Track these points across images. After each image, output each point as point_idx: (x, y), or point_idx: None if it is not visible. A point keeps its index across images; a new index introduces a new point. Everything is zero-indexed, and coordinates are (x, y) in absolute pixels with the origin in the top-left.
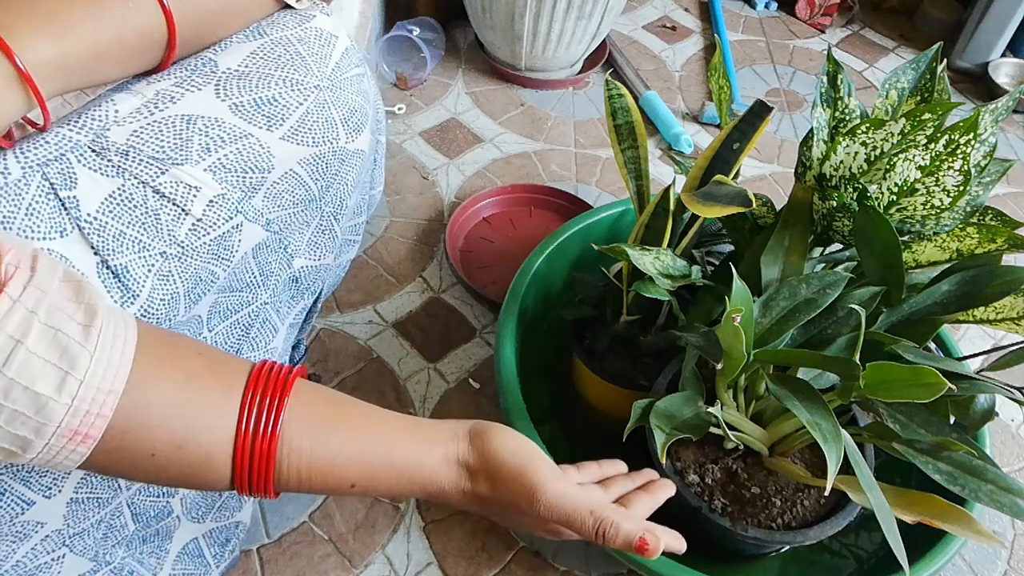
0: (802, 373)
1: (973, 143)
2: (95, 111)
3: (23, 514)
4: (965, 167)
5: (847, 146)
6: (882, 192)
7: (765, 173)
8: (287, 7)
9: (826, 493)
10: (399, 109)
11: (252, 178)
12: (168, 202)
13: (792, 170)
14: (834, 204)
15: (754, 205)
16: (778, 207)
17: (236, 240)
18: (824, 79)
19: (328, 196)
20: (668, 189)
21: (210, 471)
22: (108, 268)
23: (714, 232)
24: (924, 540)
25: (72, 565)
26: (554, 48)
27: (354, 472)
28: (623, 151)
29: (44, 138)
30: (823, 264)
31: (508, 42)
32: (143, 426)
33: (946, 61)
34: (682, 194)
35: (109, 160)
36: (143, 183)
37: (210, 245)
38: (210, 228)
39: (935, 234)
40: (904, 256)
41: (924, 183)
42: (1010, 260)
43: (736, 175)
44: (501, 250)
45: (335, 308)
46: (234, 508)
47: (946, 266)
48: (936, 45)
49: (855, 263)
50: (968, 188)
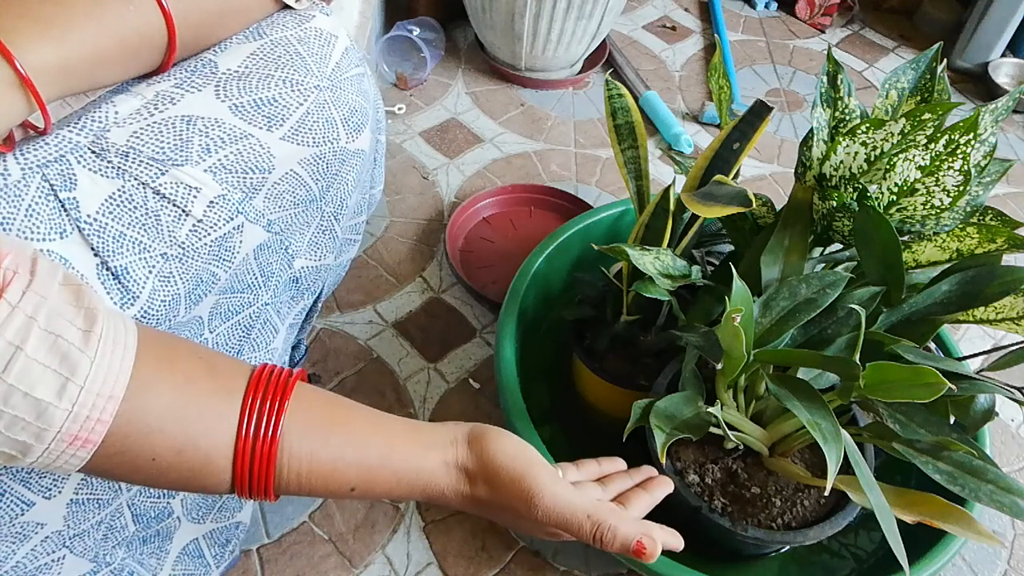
0: (802, 373)
1: (973, 143)
2: (95, 112)
3: (23, 515)
4: (965, 167)
5: (847, 146)
6: (882, 192)
7: (765, 173)
8: (287, 8)
9: (826, 493)
10: (399, 109)
11: (253, 179)
12: (168, 203)
13: (792, 170)
14: (834, 204)
15: (754, 205)
16: (778, 207)
17: (237, 241)
18: (824, 79)
19: (329, 196)
20: (668, 189)
21: (211, 475)
22: (108, 269)
23: (714, 232)
24: (924, 540)
25: (72, 566)
26: (554, 48)
27: (354, 476)
28: (623, 151)
29: (44, 140)
30: (823, 264)
31: (508, 42)
32: (143, 431)
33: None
34: (682, 194)
35: (109, 161)
36: (143, 184)
37: (211, 246)
38: (211, 229)
39: (935, 234)
40: (904, 256)
41: (924, 183)
42: (1010, 260)
43: (736, 175)
44: (501, 250)
45: (335, 308)
46: (234, 509)
47: (946, 266)
48: (936, 45)
49: (855, 263)
50: (968, 188)
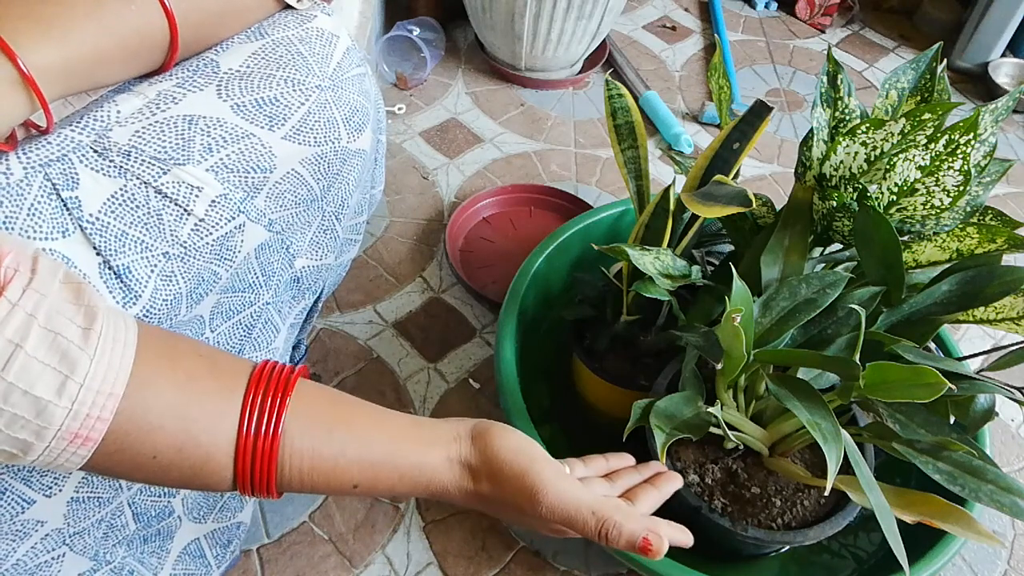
0: (802, 373)
1: (973, 143)
2: (97, 112)
3: (23, 513)
4: (965, 167)
5: (847, 146)
6: (882, 192)
7: (765, 173)
8: (288, 7)
9: (826, 493)
10: (399, 109)
11: (254, 178)
12: (170, 202)
13: (792, 170)
14: (834, 204)
15: (754, 205)
16: (778, 207)
17: (239, 240)
18: (824, 79)
19: (330, 196)
20: (668, 189)
21: (212, 472)
22: (110, 268)
23: (714, 232)
24: (924, 540)
25: (72, 564)
26: (554, 48)
27: (356, 472)
28: (623, 151)
29: (46, 139)
30: (823, 264)
31: (508, 42)
32: (144, 428)
33: (946, 61)
34: (682, 194)
35: (111, 160)
36: (145, 183)
37: (212, 245)
38: (212, 228)
39: (935, 234)
40: (904, 256)
41: (924, 183)
42: (1010, 260)
43: (736, 175)
44: (501, 250)
45: (335, 308)
46: (235, 509)
47: (946, 266)
48: (936, 45)
49: (855, 263)
50: (968, 188)
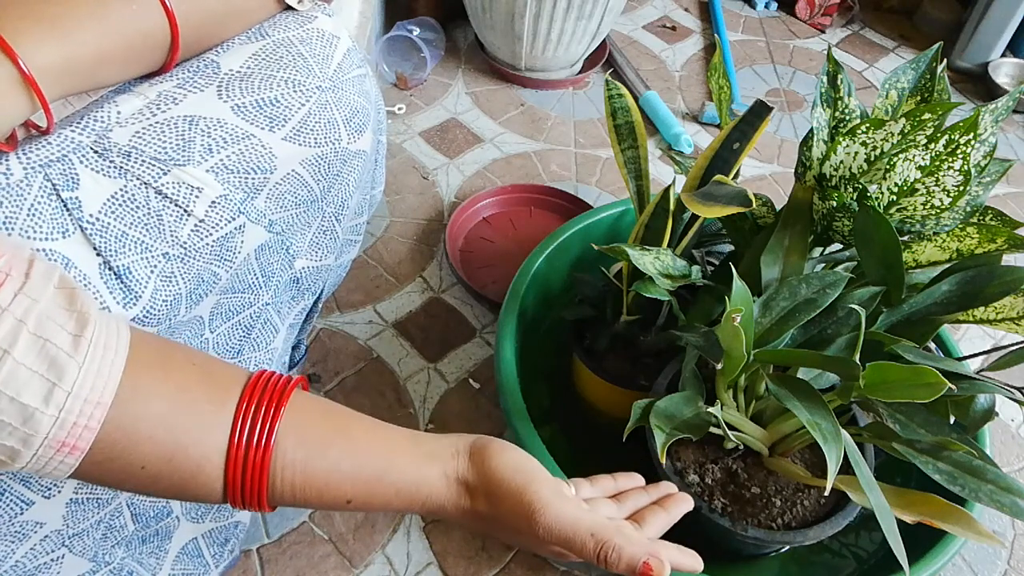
0: (802, 373)
1: (973, 143)
2: (97, 112)
3: (22, 514)
4: (965, 167)
5: (847, 146)
6: (882, 192)
7: (765, 173)
8: (289, 8)
9: (826, 493)
10: (399, 109)
11: (254, 179)
12: (170, 203)
13: (792, 170)
14: (834, 204)
15: (754, 205)
16: (778, 207)
17: (239, 241)
18: (824, 79)
19: (330, 197)
20: (668, 189)
21: (202, 484)
22: (110, 269)
23: (714, 232)
24: (924, 540)
25: (71, 565)
26: (554, 48)
27: (350, 488)
28: (623, 151)
29: (46, 139)
30: (823, 264)
31: (508, 42)
32: (132, 438)
33: (946, 61)
34: (682, 194)
35: (111, 161)
36: (145, 184)
37: (213, 246)
38: (213, 229)
39: (935, 234)
40: (904, 256)
41: (924, 183)
42: (1010, 260)
43: (736, 175)
44: (501, 250)
45: (335, 308)
46: (233, 509)
47: (946, 266)
48: (936, 45)
49: (855, 263)
50: (968, 188)
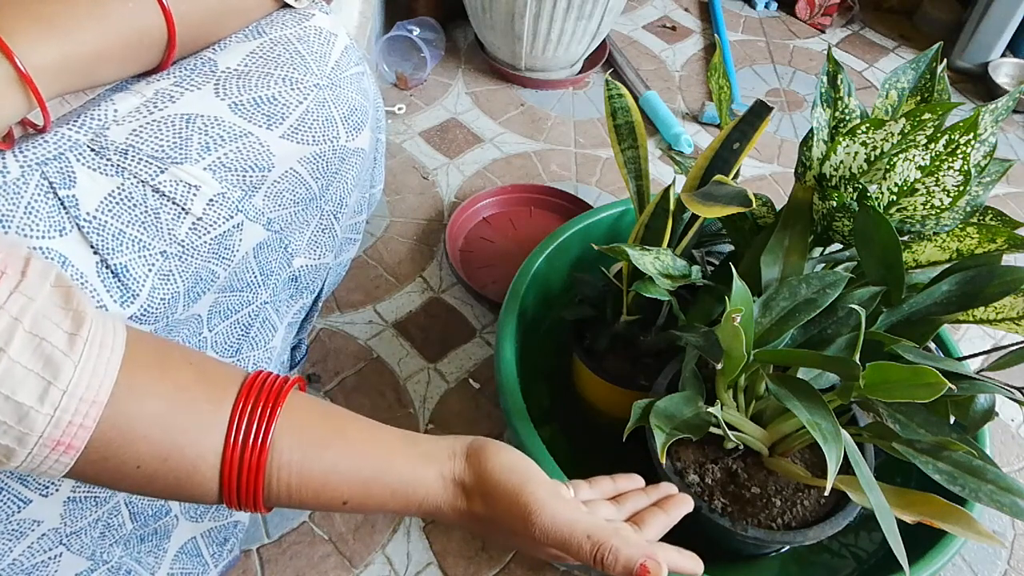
0: (802, 373)
1: (973, 143)
2: (94, 110)
3: (19, 512)
4: (965, 167)
5: (847, 146)
6: (882, 192)
7: (765, 173)
8: (286, 6)
9: (826, 493)
10: (399, 109)
11: (252, 177)
12: (168, 201)
13: (792, 170)
14: (834, 204)
15: (754, 205)
16: (778, 207)
17: (237, 239)
18: (824, 79)
19: (328, 195)
20: (668, 189)
21: (198, 484)
22: (108, 267)
23: (714, 232)
24: (924, 540)
25: (69, 564)
26: (554, 48)
27: (346, 489)
28: (623, 151)
29: (43, 137)
30: (823, 264)
31: (508, 42)
32: (128, 437)
33: (946, 61)
34: (682, 194)
35: (108, 159)
36: (142, 182)
37: (210, 244)
38: (210, 227)
39: (935, 234)
40: (904, 256)
41: (924, 183)
42: (1010, 260)
43: (736, 175)
44: (501, 250)
45: (335, 308)
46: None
47: (946, 266)
48: (936, 45)
49: (855, 263)
50: (968, 188)
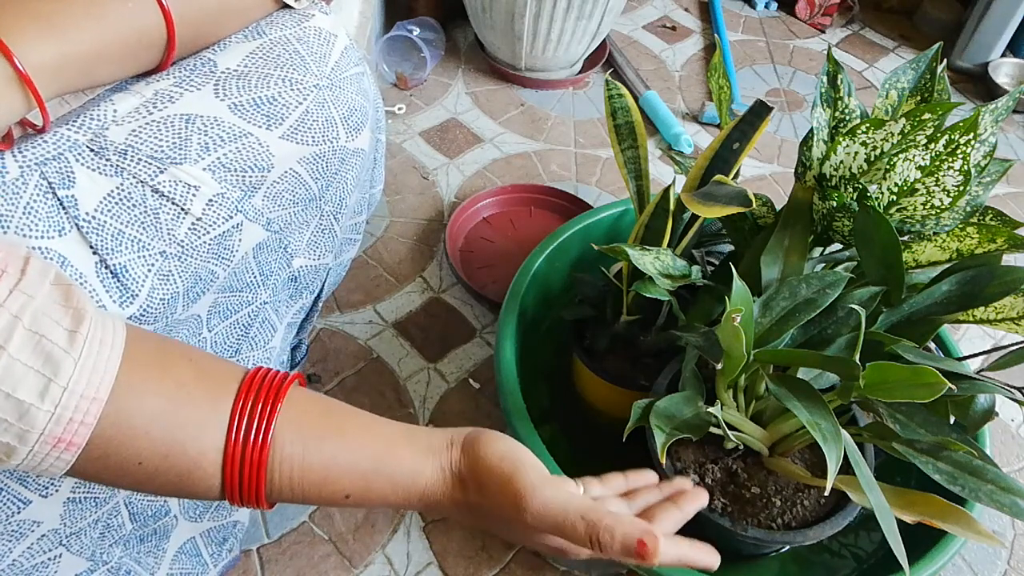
0: (802, 373)
1: (973, 143)
2: (94, 111)
3: (19, 513)
4: (965, 167)
5: (847, 146)
6: (882, 192)
7: (765, 173)
8: (286, 7)
9: (826, 493)
10: (399, 109)
11: (252, 177)
12: (167, 201)
13: (792, 170)
14: (834, 204)
15: (754, 205)
16: (778, 207)
17: (236, 239)
18: (824, 79)
19: (328, 195)
20: (668, 189)
21: (199, 480)
22: (107, 267)
23: (714, 232)
24: (924, 540)
25: (69, 564)
26: (554, 48)
27: (348, 483)
28: (623, 151)
29: (42, 137)
30: (823, 264)
31: (508, 42)
32: (129, 434)
33: (946, 61)
34: (682, 194)
35: (107, 159)
36: (142, 182)
37: (210, 244)
38: (210, 227)
39: (935, 234)
40: (904, 256)
41: (924, 183)
42: (1010, 260)
43: (736, 175)
44: (501, 250)
45: (335, 308)
46: (232, 508)
47: (946, 266)
48: (936, 45)
49: (855, 263)
50: (968, 188)
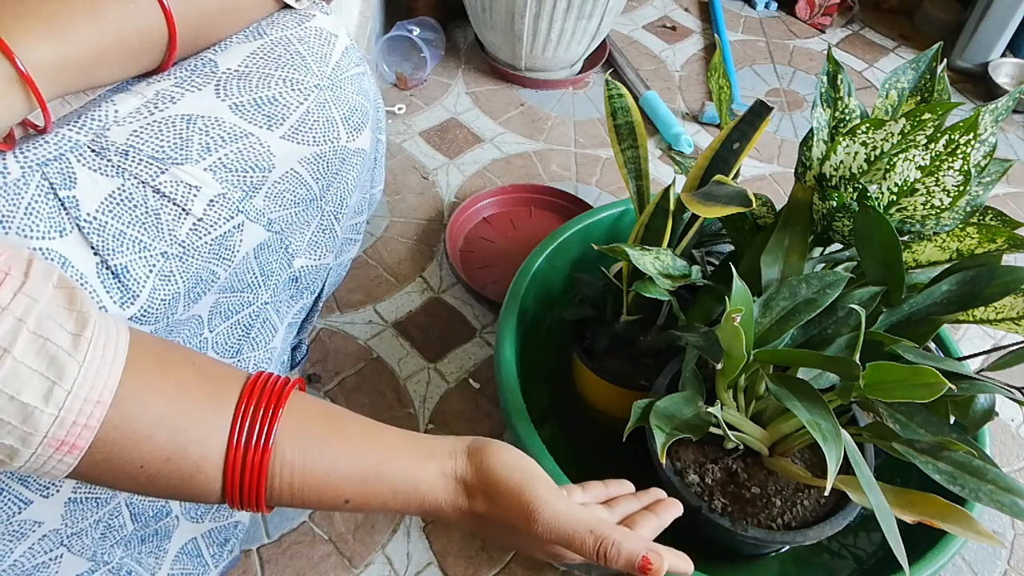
0: (802, 373)
1: (973, 143)
2: (95, 111)
3: (20, 513)
4: (965, 167)
5: (847, 146)
6: (882, 192)
7: (765, 173)
8: (287, 7)
9: (826, 493)
10: (399, 109)
11: (253, 177)
12: (168, 202)
13: (792, 170)
14: (834, 204)
15: (754, 205)
16: (778, 207)
17: (237, 240)
18: (824, 79)
19: (329, 195)
20: (668, 189)
21: (200, 484)
22: (108, 268)
23: (714, 232)
24: (924, 540)
25: (70, 565)
26: (554, 48)
27: (348, 488)
28: (623, 151)
29: (44, 138)
30: (823, 264)
31: (508, 42)
32: (132, 438)
33: (946, 61)
34: (682, 194)
35: (109, 160)
36: (143, 183)
37: (211, 245)
38: (211, 228)
39: (935, 234)
40: (904, 256)
41: (924, 183)
42: (1010, 260)
43: (736, 175)
44: (501, 250)
45: (335, 308)
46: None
47: (946, 266)
48: (936, 45)
49: (855, 263)
50: (968, 188)
